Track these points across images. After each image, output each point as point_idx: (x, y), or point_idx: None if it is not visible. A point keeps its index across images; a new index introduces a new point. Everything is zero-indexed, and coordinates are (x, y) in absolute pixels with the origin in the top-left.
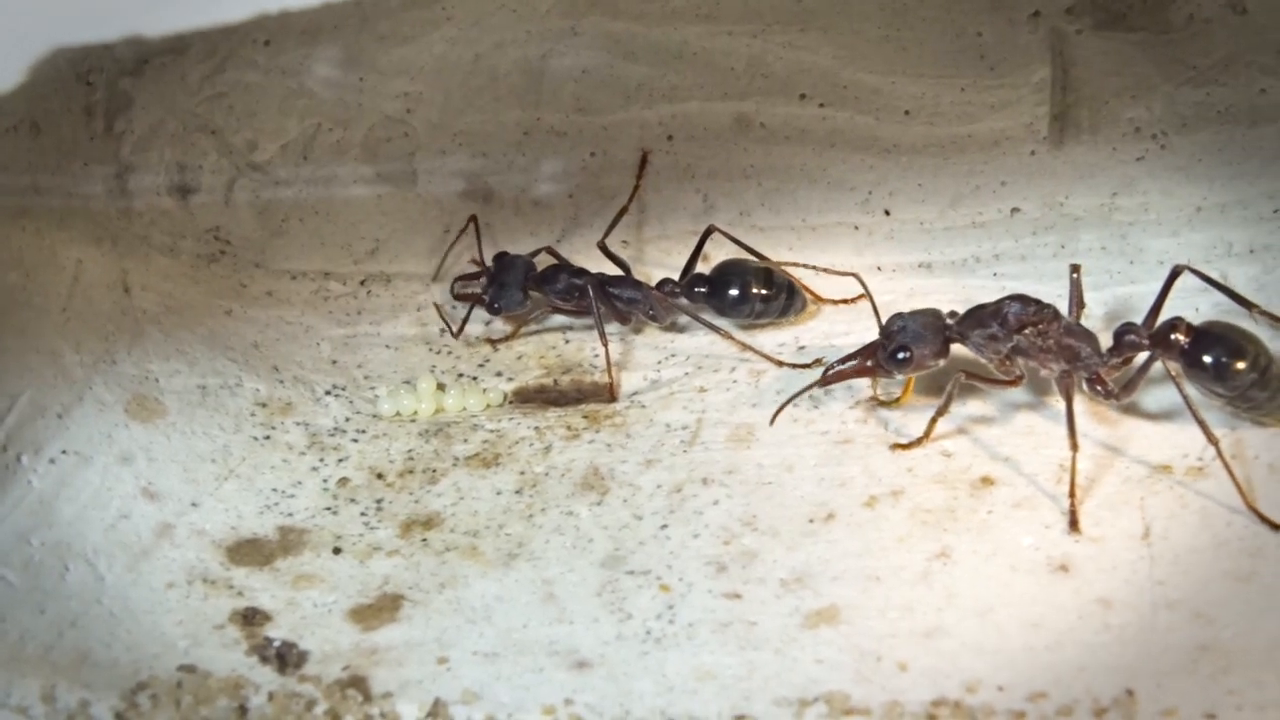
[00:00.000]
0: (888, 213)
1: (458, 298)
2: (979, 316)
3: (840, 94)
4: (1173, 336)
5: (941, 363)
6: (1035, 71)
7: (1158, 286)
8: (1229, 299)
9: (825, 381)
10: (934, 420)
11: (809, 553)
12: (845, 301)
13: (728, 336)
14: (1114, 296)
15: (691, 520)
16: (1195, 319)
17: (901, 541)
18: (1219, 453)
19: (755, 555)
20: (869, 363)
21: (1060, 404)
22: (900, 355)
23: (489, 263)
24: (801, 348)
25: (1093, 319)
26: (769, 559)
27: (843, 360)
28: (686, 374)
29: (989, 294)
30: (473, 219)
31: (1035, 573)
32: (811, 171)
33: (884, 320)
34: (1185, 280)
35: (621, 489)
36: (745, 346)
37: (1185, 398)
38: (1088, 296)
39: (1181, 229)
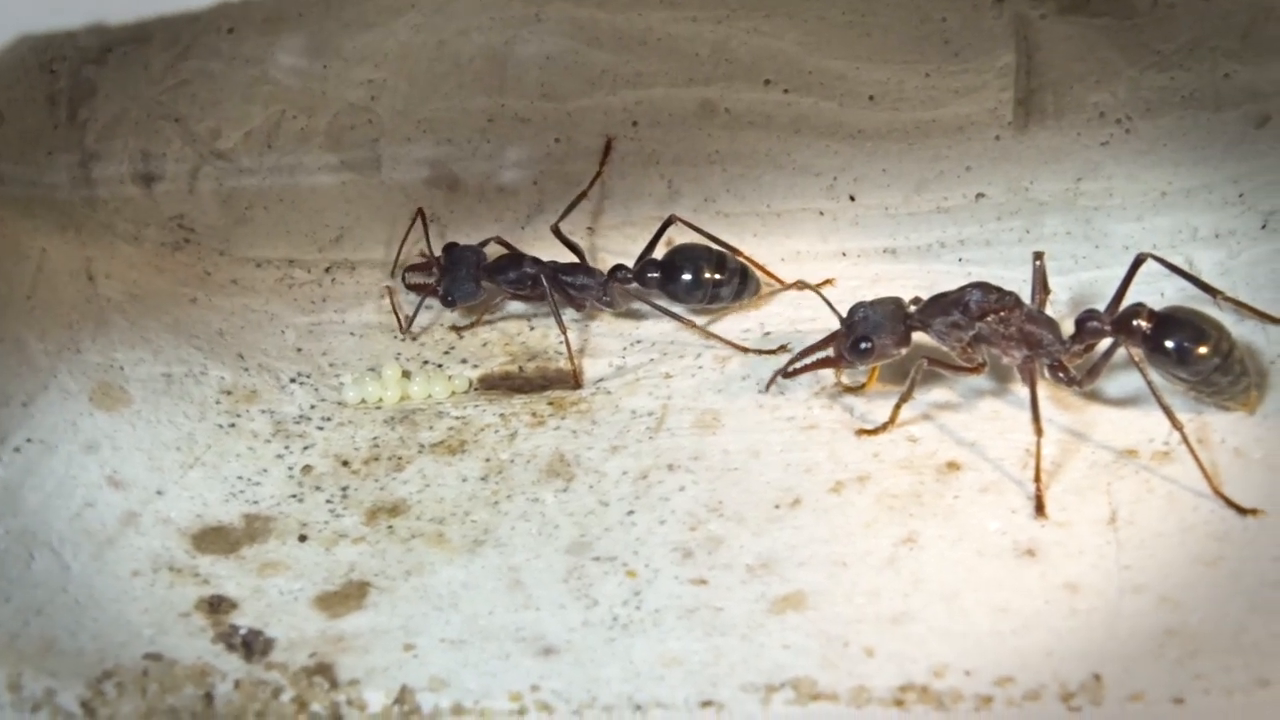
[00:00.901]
0: (853, 198)
1: (410, 288)
2: (941, 304)
3: (805, 80)
4: (1135, 322)
5: (904, 351)
6: (1000, 57)
7: (1123, 271)
8: (1194, 285)
9: (789, 374)
10: (898, 406)
11: (775, 538)
12: (810, 287)
13: (690, 325)
14: (1079, 281)
15: (657, 506)
16: (1160, 304)
17: (868, 527)
18: (1184, 438)
19: (721, 541)
20: (831, 353)
21: (1024, 389)
22: (863, 345)
23: (438, 254)
24: (767, 333)
25: (1058, 304)
26: (735, 545)
27: (805, 351)
28: (652, 360)
29: (954, 279)
30: (419, 212)
31: (1002, 557)
32: (776, 157)
33: (844, 311)
34: (1150, 265)
35: (587, 475)
36: (708, 334)
37: (1150, 383)
38: (1052, 281)
39: (1146, 214)
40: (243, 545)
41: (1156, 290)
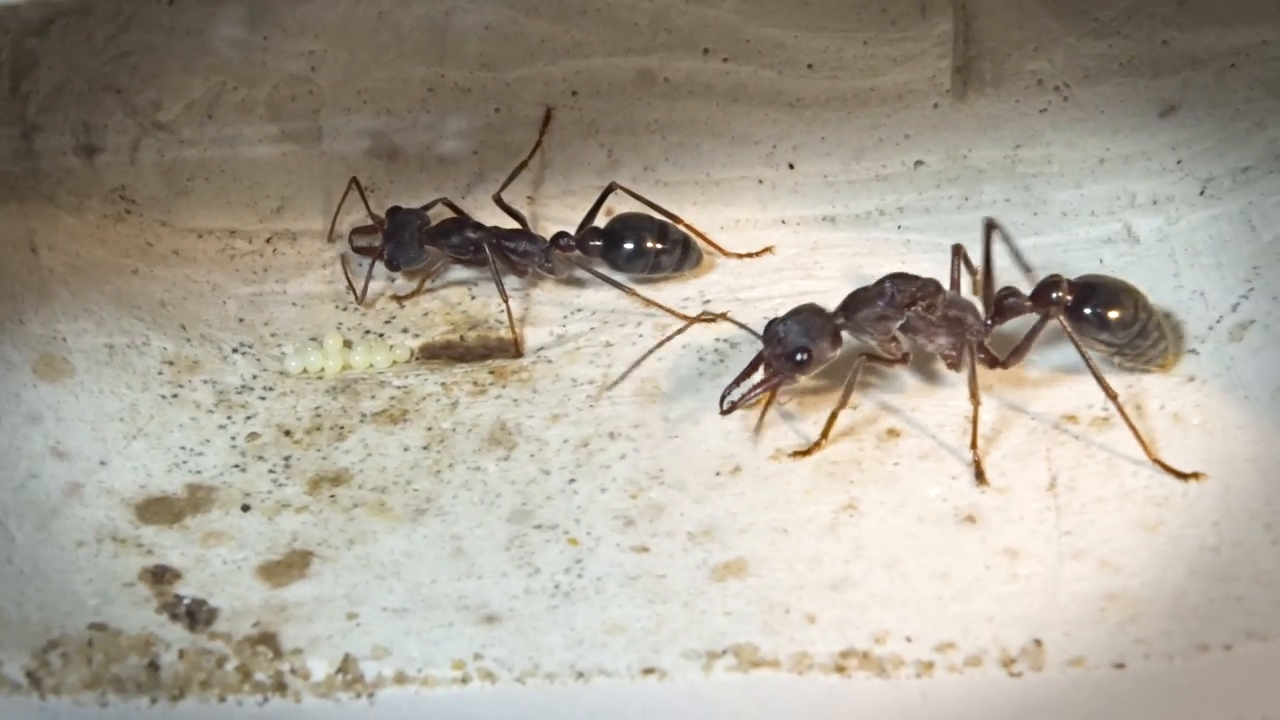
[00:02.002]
0: (792, 166)
1: (357, 250)
2: (863, 299)
3: (744, 48)
4: (1054, 295)
5: (838, 353)
6: (938, 24)
7: (1062, 238)
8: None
9: (725, 412)
10: (834, 416)
11: (716, 506)
12: (750, 255)
13: (631, 293)
14: (1018, 248)
15: (599, 474)
16: (1101, 270)
17: (808, 494)
18: (1119, 408)
19: (663, 509)
20: (764, 374)
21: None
22: (799, 356)
23: (380, 218)
24: (707, 301)
25: (996, 271)
26: (676, 512)
27: (737, 381)
28: (592, 329)
29: (893, 246)
30: (353, 181)
31: (942, 524)
32: (715, 126)
33: (762, 331)
34: (1090, 230)
35: (529, 444)
36: (649, 302)
37: (1082, 354)
38: (992, 248)
39: (1085, 180)
40: (186, 515)
41: (1095, 257)
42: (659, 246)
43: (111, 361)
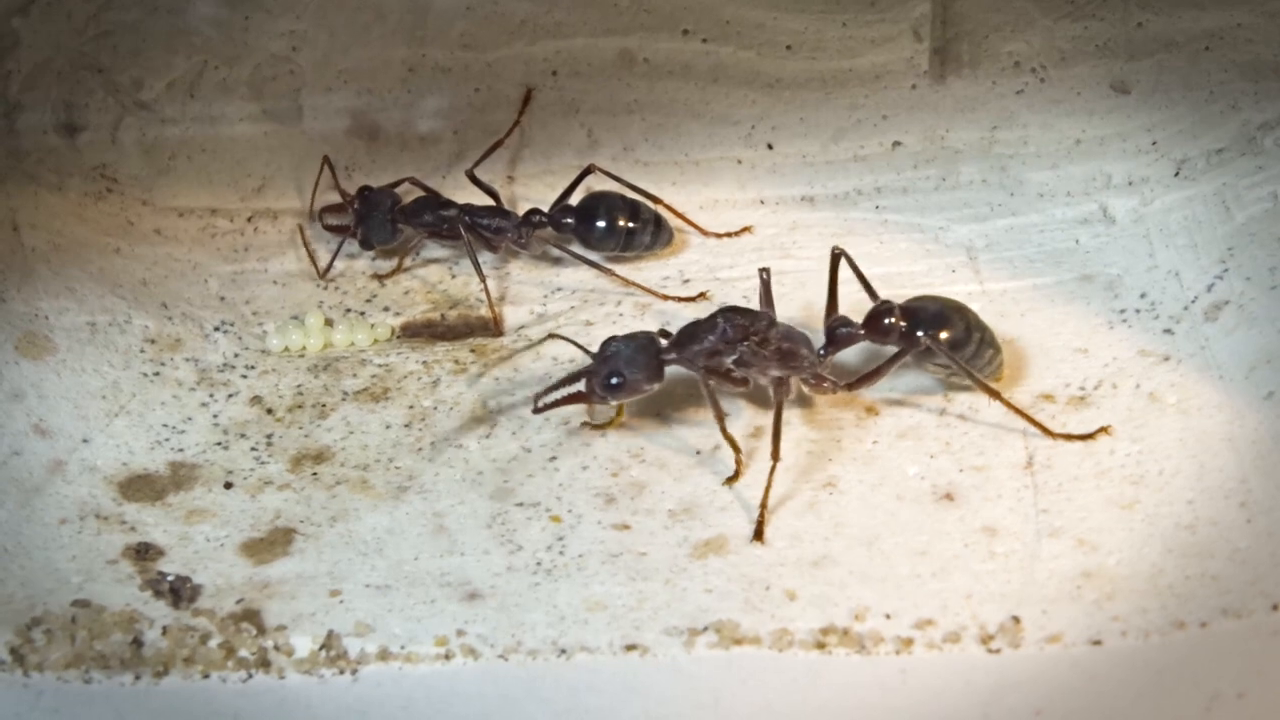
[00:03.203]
0: (770, 147)
1: (327, 229)
2: (694, 334)
3: (723, 29)
4: (886, 321)
5: (656, 387)
6: (916, 6)
7: (1038, 219)
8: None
9: (538, 410)
10: (723, 430)
11: (696, 484)
12: (729, 235)
13: (608, 272)
14: (995, 229)
15: (580, 452)
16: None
17: (788, 472)
18: (1005, 402)
19: (644, 487)
20: (583, 388)
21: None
22: (613, 380)
23: (350, 199)
24: (686, 280)
25: (975, 251)
26: (657, 490)
27: (557, 384)
28: (573, 307)
29: (871, 226)
30: (325, 160)
31: (921, 502)
32: (695, 106)
33: (595, 348)
34: (1066, 210)
35: (510, 422)
36: (627, 281)
37: (947, 368)
38: (968, 229)
39: (1061, 162)
40: (169, 493)
41: (1072, 238)
42: (630, 225)
43: (93, 340)
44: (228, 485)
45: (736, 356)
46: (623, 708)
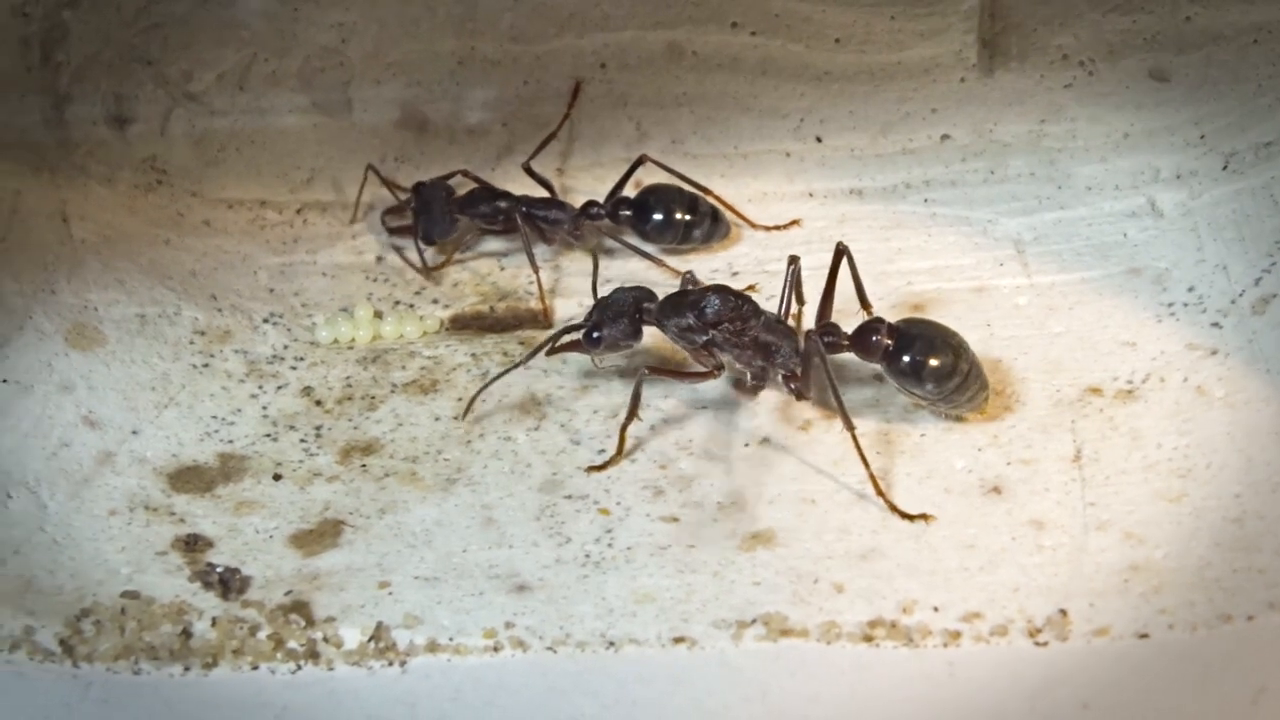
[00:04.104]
0: (819, 140)
1: (391, 231)
2: (677, 305)
3: (772, 22)
4: (874, 339)
5: (635, 344)
6: (964, 0)
7: (1086, 212)
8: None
9: (552, 351)
10: (624, 429)
11: (745, 476)
12: (778, 228)
13: (660, 264)
14: (1043, 222)
15: (628, 445)
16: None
17: (836, 464)
18: (854, 440)
19: (692, 479)
20: (580, 338)
21: (1005, 328)
22: (594, 335)
23: (405, 195)
24: (735, 273)
25: (1023, 244)
26: (705, 483)
27: (557, 334)
28: None
29: (920, 219)
30: (369, 168)
31: (968, 495)
32: (743, 99)
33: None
34: (1114, 204)
35: (559, 414)
36: (677, 273)
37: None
38: (1016, 222)
39: (1109, 155)
40: (218, 484)
41: (1120, 231)
42: (688, 218)
43: (143, 331)
44: (277, 477)
45: (709, 338)
46: (670, 700)
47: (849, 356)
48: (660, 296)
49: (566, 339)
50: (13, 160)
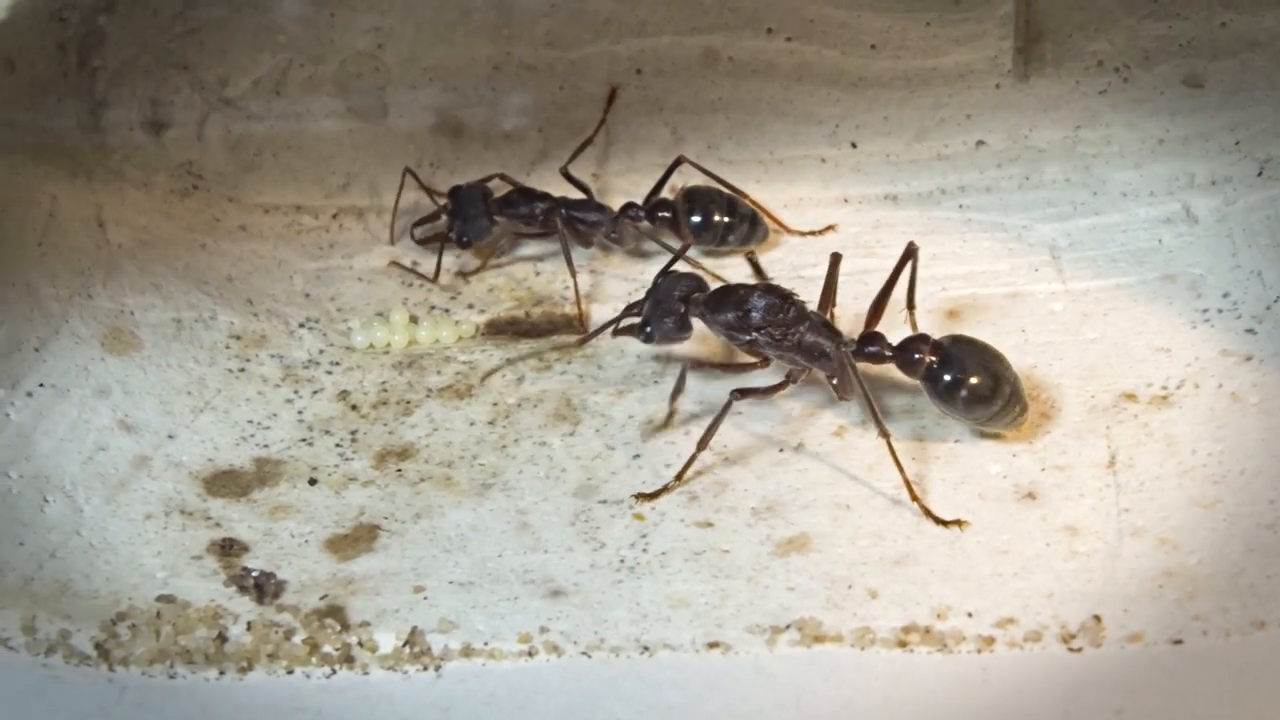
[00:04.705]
0: (854, 145)
1: (421, 242)
2: (724, 301)
3: (807, 28)
4: (916, 356)
5: (686, 336)
6: (999, 6)
7: (1121, 218)
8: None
9: (617, 333)
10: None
11: (779, 482)
12: (813, 233)
13: (697, 265)
14: (1078, 228)
15: (663, 450)
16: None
17: (870, 470)
18: (890, 447)
19: (726, 485)
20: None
21: (1040, 334)
22: (647, 329)
23: (442, 201)
24: (771, 279)
25: (1058, 250)
26: (740, 488)
27: (632, 307)
28: None
29: (955, 225)
30: (406, 171)
31: (1003, 501)
32: (779, 105)
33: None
34: (1149, 210)
35: (594, 419)
36: (714, 276)
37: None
38: (1051, 228)
39: (1144, 161)
40: (253, 489)
41: (1155, 237)
42: (727, 220)
43: (179, 336)
44: (312, 481)
45: (751, 339)
46: (704, 705)
47: (889, 367)
48: (710, 288)
49: (627, 322)
50: (49, 165)
